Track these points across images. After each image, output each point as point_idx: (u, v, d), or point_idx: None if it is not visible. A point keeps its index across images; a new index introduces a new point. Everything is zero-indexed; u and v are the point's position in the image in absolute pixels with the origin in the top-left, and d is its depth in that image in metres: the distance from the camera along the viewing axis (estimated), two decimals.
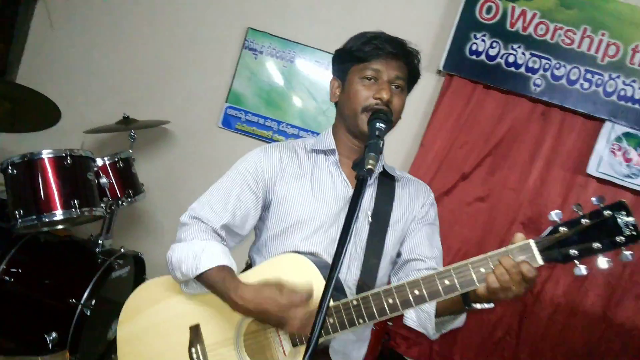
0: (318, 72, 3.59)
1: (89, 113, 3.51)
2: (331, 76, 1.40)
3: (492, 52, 3.31)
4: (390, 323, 3.11)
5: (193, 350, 1.20)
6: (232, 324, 1.18)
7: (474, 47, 3.32)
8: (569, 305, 3.52)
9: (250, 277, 1.19)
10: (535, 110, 3.40)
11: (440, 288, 1.00)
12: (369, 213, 1.28)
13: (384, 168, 1.37)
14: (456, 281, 1.00)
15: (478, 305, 1.08)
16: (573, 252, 0.96)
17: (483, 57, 3.32)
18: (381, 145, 1.12)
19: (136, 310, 1.31)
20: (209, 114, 3.72)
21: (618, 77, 3.23)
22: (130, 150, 3.04)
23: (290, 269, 1.15)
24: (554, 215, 0.97)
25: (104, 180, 2.76)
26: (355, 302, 1.05)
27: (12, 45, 3.81)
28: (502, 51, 3.30)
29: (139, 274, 2.99)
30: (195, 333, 1.21)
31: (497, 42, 3.29)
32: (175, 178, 3.70)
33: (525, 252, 1.01)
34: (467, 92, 3.44)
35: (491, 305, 1.07)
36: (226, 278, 1.15)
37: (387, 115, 1.20)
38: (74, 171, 2.52)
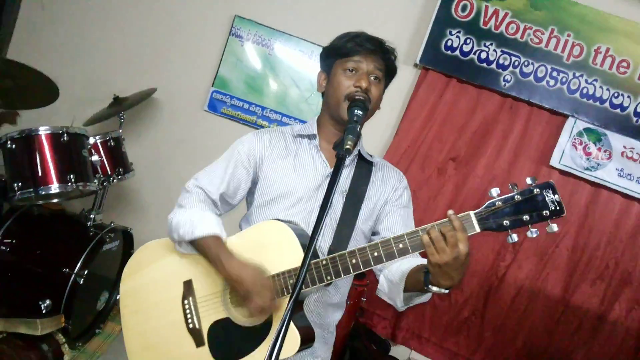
0: (301, 61, 3.75)
1: (80, 92, 3.60)
2: (315, 66, 1.57)
3: (466, 48, 3.51)
4: (363, 299, 3.29)
5: (185, 302, 1.39)
6: (220, 280, 1.37)
7: (449, 43, 3.52)
8: (531, 288, 3.76)
9: (235, 240, 1.39)
10: (505, 104, 3.62)
11: (395, 250, 1.18)
12: (345, 190, 1.46)
13: (360, 153, 1.54)
14: (408, 244, 1.17)
15: (434, 288, 1.20)
16: (506, 222, 1.13)
17: (457, 52, 3.52)
18: (359, 130, 1.30)
19: (137, 268, 1.49)
20: (195, 97, 3.86)
21: (581, 75, 3.46)
22: (121, 131, 3.16)
23: (270, 232, 1.34)
24: (493, 191, 1.14)
25: (95, 157, 2.88)
26: (324, 262, 1.24)
27: (1, 26, 3.86)
28: (475, 47, 3.50)
29: (127, 248, 3.13)
30: (187, 287, 1.40)
31: (471, 39, 3.50)
32: (162, 158, 3.83)
33: (465, 221, 1.15)
34: (442, 86, 3.64)
35: (445, 291, 1.20)
36: (217, 246, 1.34)
37: (365, 104, 1.38)
38: (70, 147, 2.64)
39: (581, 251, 3.68)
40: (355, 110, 1.35)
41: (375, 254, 1.18)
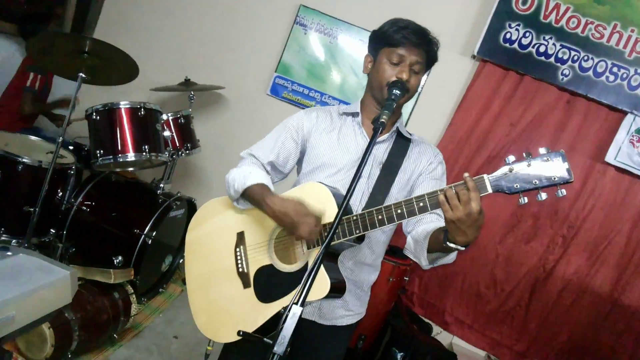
0: (361, 49, 3.91)
1: (155, 74, 3.91)
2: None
3: (524, 41, 3.54)
4: (406, 278, 3.43)
5: (237, 250, 1.61)
6: (268, 232, 1.58)
7: (507, 36, 3.56)
8: (579, 283, 3.75)
9: (285, 194, 1.58)
10: (562, 98, 3.62)
11: (415, 207, 1.32)
12: (382, 162, 1.62)
13: (399, 130, 1.69)
14: (427, 202, 1.31)
15: (452, 245, 1.32)
16: (517, 185, 1.23)
17: (516, 45, 3.56)
18: (394, 107, 1.45)
19: (201, 220, 1.74)
20: (259, 82, 4.10)
21: None
22: (190, 110, 3.44)
23: (311, 191, 1.52)
24: (509, 158, 1.26)
25: (167, 133, 3.17)
26: (354, 218, 1.41)
27: (90, 8, 4.25)
28: (535, 41, 3.52)
29: (190, 216, 3.39)
30: (240, 237, 1.62)
31: (530, 32, 3.52)
32: (225, 138, 4.11)
33: (479, 182, 1.26)
34: (499, 78, 3.69)
35: (462, 248, 1.32)
36: (263, 190, 1.54)
37: (404, 85, 1.52)
38: (146, 121, 2.94)
39: (633, 249, 3.64)
40: (394, 90, 1.50)
41: (399, 210, 1.33)
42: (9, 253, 1.50)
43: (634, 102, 3.44)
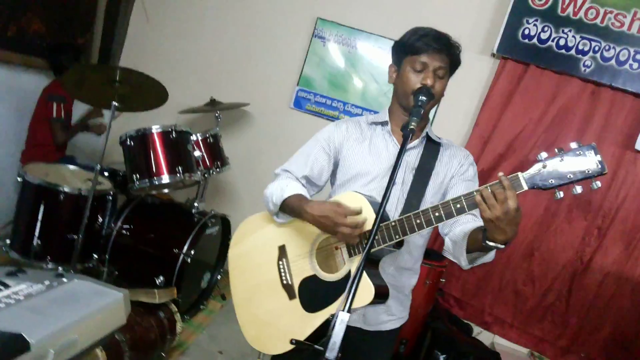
0: (380, 57, 3.95)
1: (180, 96, 4.00)
2: (389, 61, 1.76)
3: (543, 36, 3.54)
4: (442, 280, 3.43)
5: (280, 262, 1.66)
6: (308, 243, 1.62)
7: (526, 32, 3.56)
8: (618, 274, 3.70)
9: None
10: (586, 89, 3.60)
11: (453, 209, 1.35)
12: (415, 167, 1.66)
13: (428, 135, 1.72)
14: (465, 203, 1.34)
15: (491, 243, 1.35)
16: (551, 181, 1.26)
17: (535, 40, 3.56)
18: (422, 113, 1.48)
19: (243, 236, 1.80)
20: (282, 96, 4.18)
21: None
22: (217, 128, 3.53)
23: (348, 201, 1.53)
24: (542, 155, 1.28)
25: (197, 153, 3.25)
26: (393, 224, 1.45)
27: (114, 38, 4.40)
28: (553, 35, 3.52)
29: (225, 232, 3.50)
30: (281, 250, 1.67)
31: (549, 27, 3.52)
32: (253, 153, 4.19)
33: (514, 181, 1.29)
34: (520, 74, 3.69)
35: (501, 246, 1.35)
36: (301, 199, 1.59)
37: (429, 91, 1.56)
38: (177, 143, 3.04)
39: None
40: (420, 96, 1.53)
41: (437, 213, 1.37)
42: (65, 280, 1.58)
43: None
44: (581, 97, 3.62)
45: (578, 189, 1.25)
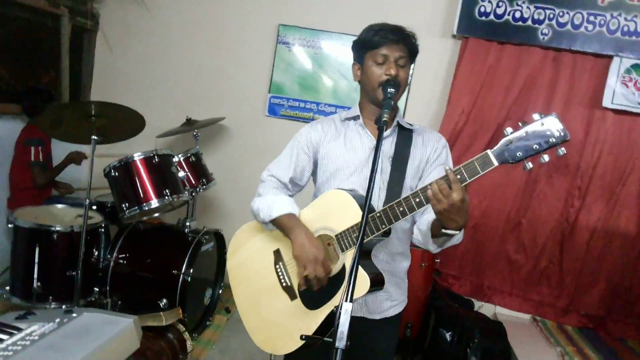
0: (345, 54, 4.03)
1: (156, 120, 4.01)
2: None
3: (499, 11, 3.65)
4: (437, 260, 3.52)
5: (277, 266, 1.72)
6: None
7: (482, 9, 3.67)
8: (604, 229, 3.84)
9: (306, 211, 1.71)
10: (547, 57, 3.72)
11: (422, 198, 1.43)
12: (391, 155, 1.74)
13: (399, 123, 1.80)
14: (422, 198, 1.44)
15: (447, 231, 1.43)
16: (519, 153, 1.33)
17: (492, 17, 3.67)
18: (393, 104, 1.56)
19: (238, 246, 1.86)
20: (256, 105, 4.24)
21: (619, 14, 3.51)
22: (198, 147, 3.58)
23: (332, 199, 1.65)
24: (507, 130, 1.35)
25: (182, 173, 3.30)
26: (378, 214, 1.52)
27: (82, 71, 4.43)
28: (509, 8, 3.63)
29: (220, 247, 3.55)
30: (277, 254, 1.74)
31: (503, 1, 3.63)
32: (236, 165, 4.24)
33: (484, 159, 1.36)
34: (483, 51, 3.80)
35: (455, 232, 1.43)
36: (291, 222, 1.66)
37: (396, 83, 1.64)
38: (161, 167, 3.08)
39: None
40: (389, 89, 1.61)
41: (417, 199, 1.45)
42: (74, 314, 1.63)
43: (617, 45, 3.54)
44: (544, 65, 3.74)
45: (545, 158, 1.32)
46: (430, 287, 3.56)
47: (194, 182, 3.40)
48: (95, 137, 2.84)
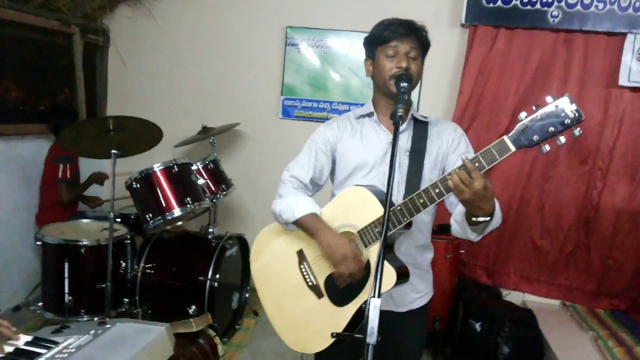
0: (354, 50, 4.04)
1: (172, 130, 4.07)
2: (364, 56, 1.84)
3: None
4: (462, 251, 3.51)
5: (301, 266, 1.74)
6: None
7: None
8: (629, 209, 3.77)
9: (327, 210, 1.73)
10: (558, 39, 3.68)
11: (443, 189, 1.44)
12: (408, 150, 1.74)
13: (414, 116, 1.81)
14: (442, 188, 1.45)
15: (477, 219, 1.46)
16: (535, 137, 1.33)
17: (500, 2, 3.63)
18: (407, 99, 1.57)
19: (260, 249, 1.88)
20: (269, 109, 4.28)
21: None
22: (215, 153, 3.61)
23: (352, 196, 1.66)
24: (522, 115, 1.35)
25: (201, 181, 3.33)
26: (399, 208, 1.53)
27: (97, 87, 4.51)
28: None
29: (244, 251, 3.59)
30: (300, 255, 1.76)
31: None
32: (254, 169, 4.28)
33: (501, 145, 1.37)
34: (492, 38, 3.76)
35: (486, 218, 1.45)
36: (314, 222, 1.68)
37: (408, 76, 1.64)
38: (181, 176, 3.13)
39: None
40: (402, 83, 1.62)
41: (437, 190, 1.45)
42: (108, 325, 1.67)
43: (629, 22, 3.48)
44: (556, 48, 3.70)
45: (562, 140, 1.32)
46: (457, 279, 3.55)
47: (214, 188, 3.43)
48: (115, 151, 2.90)
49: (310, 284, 1.70)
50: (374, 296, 1.18)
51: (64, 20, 3.92)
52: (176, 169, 3.09)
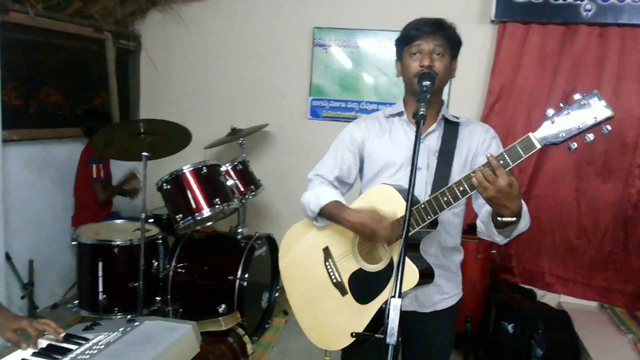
0: (383, 50, 4.02)
1: (202, 132, 4.13)
2: (394, 52, 1.83)
3: None
4: (493, 251, 3.45)
5: (327, 263, 1.75)
6: (349, 240, 1.71)
7: None
8: None
9: (354, 204, 1.71)
10: (592, 34, 3.57)
11: (467, 187, 1.41)
12: (437, 151, 1.72)
13: (444, 116, 1.78)
14: (466, 185, 1.42)
15: (503, 219, 1.41)
16: (562, 134, 1.29)
17: None
18: (428, 97, 1.54)
19: (288, 247, 1.90)
20: (297, 109, 4.30)
21: None
22: (244, 155, 3.65)
23: (377, 194, 1.65)
24: (548, 112, 1.32)
25: (230, 182, 3.37)
26: (423, 206, 1.51)
27: (130, 91, 4.62)
28: None
29: (273, 250, 3.61)
30: (326, 252, 1.76)
31: None
32: (282, 170, 4.31)
33: (526, 142, 1.34)
34: (523, 34, 3.69)
35: (512, 218, 1.40)
36: (338, 207, 1.68)
37: (431, 75, 1.62)
38: (210, 177, 3.17)
39: None
40: (423, 82, 1.59)
41: (461, 188, 1.43)
42: (137, 323, 1.71)
43: None
44: (590, 43, 3.60)
45: (590, 137, 1.28)
46: (488, 279, 3.49)
47: (242, 189, 3.47)
48: (146, 154, 2.96)
49: (334, 281, 1.71)
50: (394, 296, 1.17)
51: (97, 27, 4.03)
52: (205, 171, 3.14)
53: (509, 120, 3.77)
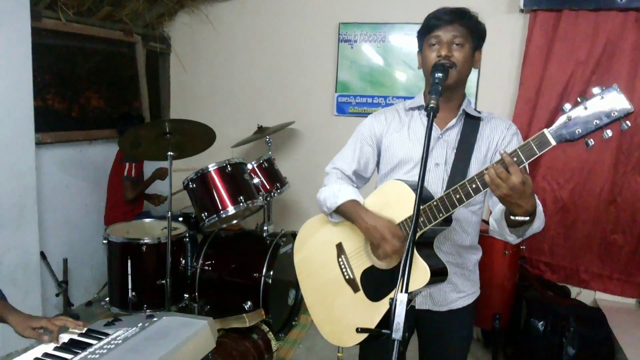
0: (410, 43, 3.97)
1: (230, 131, 4.21)
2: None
3: None
4: (522, 247, 3.36)
5: (340, 259, 1.74)
6: (361, 237, 1.69)
7: None
8: None
9: (367, 201, 1.71)
10: (627, 19, 3.42)
11: (479, 184, 1.37)
12: (455, 146, 1.68)
13: (465, 111, 1.73)
14: (479, 183, 1.38)
15: (515, 218, 1.37)
16: (578, 130, 1.23)
17: None
18: (440, 89, 1.49)
19: (303, 242, 1.90)
20: (324, 106, 4.29)
21: None
22: (270, 152, 3.67)
23: (391, 190, 1.63)
24: (565, 107, 1.26)
25: (256, 180, 3.40)
26: (435, 203, 1.47)
27: (160, 92, 4.71)
28: None
29: None
30: (339, 248, 1.76)
31: None
32: (308, 167, 4.30)
33: (541, 138, 1.28)
34: (554, 22, 3.57)
35: (525, 218, 1.36)
36: (355, 206, 1.67)
37: (444, 66, 1.57)
38: (234, 175, 3.21)
39: None
40: (436, 74, 1.55)
41: (474, 185, 1.39)
42: (155, 319, 1.75)
43: None
44: (625, 29, 3.45)
45: (608, 133, 1.22)
46: (518, 276, 3.40)
47: (268, 187, 3.49)
48: (172, 153, 3.01)
49: (347, 277, 1.70)
50: (401, 291, 1.15)
51: (127, 30, 4.12)
52: (229, 169, 3.17)
53: (543, 113, 3.66)
